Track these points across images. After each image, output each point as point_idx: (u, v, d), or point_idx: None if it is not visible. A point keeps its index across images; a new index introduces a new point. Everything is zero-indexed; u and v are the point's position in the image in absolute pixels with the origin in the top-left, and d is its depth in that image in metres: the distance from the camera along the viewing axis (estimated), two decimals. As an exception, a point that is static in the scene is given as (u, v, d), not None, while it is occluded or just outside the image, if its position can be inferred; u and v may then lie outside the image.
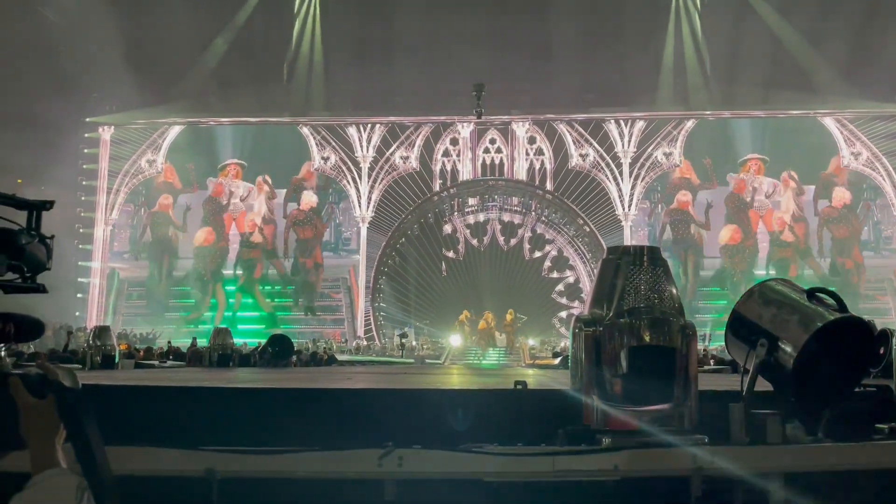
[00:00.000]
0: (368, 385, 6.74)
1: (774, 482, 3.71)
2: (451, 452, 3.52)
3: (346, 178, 36.22)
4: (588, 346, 4.02)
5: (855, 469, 3.72)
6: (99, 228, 36.30)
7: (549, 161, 35.95)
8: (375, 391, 5.75)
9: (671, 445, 3.74)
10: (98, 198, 36.45)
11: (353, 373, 11.09)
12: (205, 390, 5.40)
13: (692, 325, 4.20)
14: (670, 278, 4.24)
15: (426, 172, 36.18)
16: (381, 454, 3.46)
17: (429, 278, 34.62)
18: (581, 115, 35.84)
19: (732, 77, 33.97)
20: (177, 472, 3.50)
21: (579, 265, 35.37)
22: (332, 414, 4.40)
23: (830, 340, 4.09)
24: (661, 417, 3.93)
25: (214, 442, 3.60)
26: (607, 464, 3.61)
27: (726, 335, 4.55)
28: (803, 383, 4.12)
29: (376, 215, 35.91)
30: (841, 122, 34.49)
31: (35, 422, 1.60)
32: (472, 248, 35.66)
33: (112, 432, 3.18)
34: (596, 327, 4.03)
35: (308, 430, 4.02)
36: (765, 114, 35.02)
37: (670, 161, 35.44)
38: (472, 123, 35.94)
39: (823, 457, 3.78)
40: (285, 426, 4.13)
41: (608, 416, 3.89)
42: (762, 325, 4.27)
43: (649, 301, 4.09)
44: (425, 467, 3.49)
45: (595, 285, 4.26)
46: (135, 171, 36.61)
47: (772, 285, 4.52)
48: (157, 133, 36.65)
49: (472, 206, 36.36)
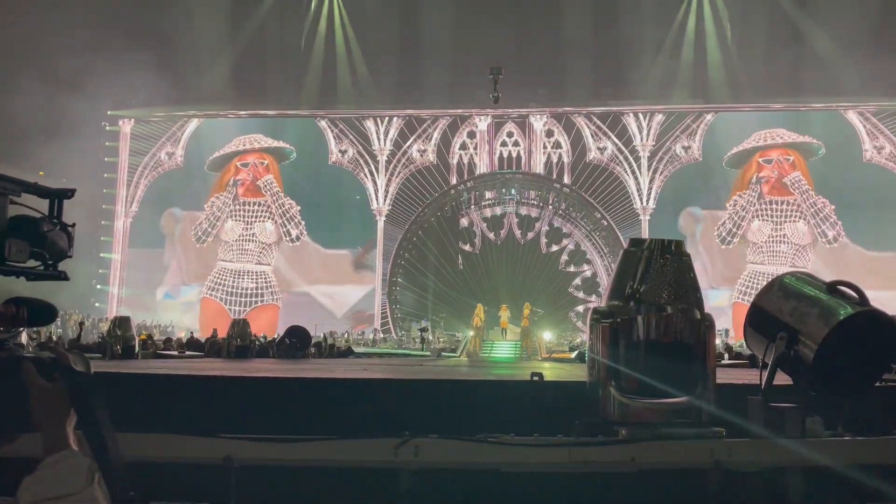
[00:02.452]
0: (385, 375, 6.76)
1: (793, 476, 3.69)
2: (467, 442, 3.53)
3: (363, 172, 36.29)
4: (605, 338, 4.00)
5: (875, 464, 3.68)
6: (119, 220, 36.67)
7: (566, 154, 35.78)
8: (392, 381, 5.77)
9: (689, 438, 3.73)
10: (118, 190, 36.81)
11: (369, 364, 11.14)
12: (223, 379, 5.45)
13: (711, 318, 4.17)
14: (692, 271, 4.21)
15: (443, 166, 36.12)
16: (398, 443, 3.48)
17: (445, 271, 34.63)
18: (599, 108, 35.60)
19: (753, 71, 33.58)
20: (196, 460, 3.53)
21: (596, 259, 35.21)
22: (349, 404, 4.42)
23: (851, 334, 4.04)
24: (679, 410, 3.92)
25: (232, 430, 3.63)
26: (624, 456, 3.60)
27: (745, 328, 4.51)
28: (823, 377, 4.08)
29: (393, 208, 35.96)
30: (864, 114, 34.04)
31: (47, 405, 1.62)
32: (488, 242, 35.59)
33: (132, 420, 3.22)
34: (613, 319, 4.01)
35: (325, 419, 4.05)
36: (784, 107, 34.64)
37: (689, 154, 35.16)
38: (490, 116, 35.83)
39: (843, 451, 3.75)
40: (302, 415, 4.15)
41: (625, 409, 3.88)
42: (782, 319, 4.23)
43: (669, 294, 4.07)
44: (442, 457, 3.50)
45: (614, 277, 4.24)
46: (154, 163, 36.93)
47: (792, 278, 4.48)
48: (177, 126, 36.93)
49: (489, 199, 36.27)
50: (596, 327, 4.06)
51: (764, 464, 3.65)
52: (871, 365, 4.25)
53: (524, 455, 3.53)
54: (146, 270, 36.39)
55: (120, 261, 36.63)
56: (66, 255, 2.07)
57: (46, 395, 1.63)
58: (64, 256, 2.06)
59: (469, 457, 3.52)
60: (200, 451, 3.52)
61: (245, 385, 5.14)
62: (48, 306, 1.97)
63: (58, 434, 1.61)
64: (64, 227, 2.06)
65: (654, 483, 3.68)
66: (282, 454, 3.56)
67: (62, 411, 1.63)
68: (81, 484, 1.53)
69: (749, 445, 3.71)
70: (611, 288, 4.21)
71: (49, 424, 1.61)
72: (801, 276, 4.53)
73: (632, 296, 4.04)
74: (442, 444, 3.50)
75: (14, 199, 1.96)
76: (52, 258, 2.04)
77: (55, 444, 1.59)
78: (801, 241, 34.22)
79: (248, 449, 3.52)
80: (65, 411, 1.63)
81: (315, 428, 3.72)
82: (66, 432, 1.62)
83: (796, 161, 34.73)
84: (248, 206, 36.70)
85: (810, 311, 4.14)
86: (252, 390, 4.83)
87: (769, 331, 4.25)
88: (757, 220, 34.55)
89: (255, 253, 36.41)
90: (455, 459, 3.51)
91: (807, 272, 4.73)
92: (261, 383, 5.34)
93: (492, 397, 4.50)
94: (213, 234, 36.53)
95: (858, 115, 34.35)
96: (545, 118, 36.17)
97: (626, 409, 3.88)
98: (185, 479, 3.54)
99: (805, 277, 4.51)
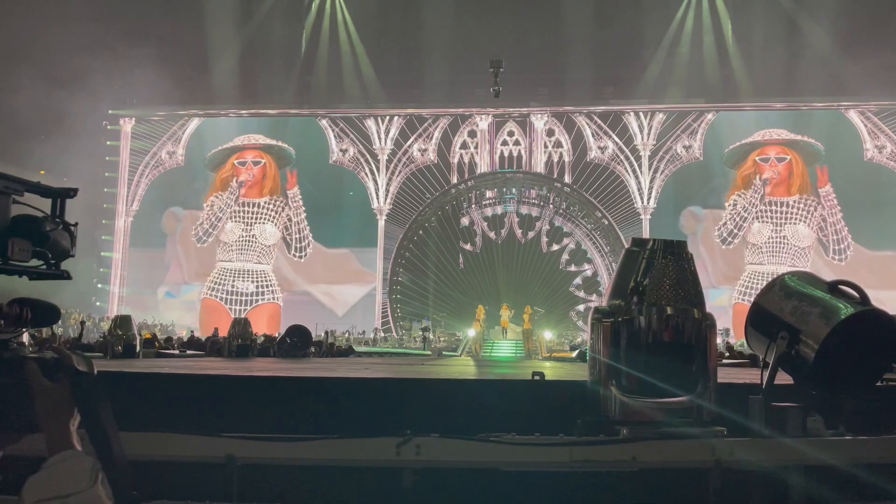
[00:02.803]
0: (387, 375, 6.77)
1: (794, 475, 3.69)
2: (468, 441, 3.54)
3: (363, 171, 36.30)
4: (606, 337, 4.00)
5: (876, 463, 3.68)
6: (120, 219, 36.71)
7: (567, 153, 35.79)
8: (394, 380, 5.77)
9: (690, 437, 3.73)
10: (119, 189, 36.84)
11: (370, 363, 11.14)
12: (225, 378, 5.45)
13: (712, 317, 4.17)
14: (694, 271, 4.21)
15: (444, 165, 36.13)
16: (400, 442, 3.48)
17: (446, 271, 34.64)
18: (600, 108, 35.61)
19: (754, 70, 33.58)
20: (198, 458, 3.54)
21: (597, 258, 35.21)
22: (351, 402, 4.43)
23: (853, 333, 4.05)
24: (680, 410, 3.92)
25: (234, 429, 3.64)
26: (625, 455, 3.60)
27: (746, 327, 4.51)
28: (824, 376, 4.08)
29: (393, 208, 35.97)
30: (865, 114, 34.03)
31: (50, 405, 1.63)
32: (489, 241, 35.61)
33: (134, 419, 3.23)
34: (615, 318, 4.02)
35: (327, 418, 4.05)
36: (786, 106, 34.63)
37: (690, 154, 35.16)
38: (491, 116, 35.84)
39: (844, 450, 3.75)
40: (304, 414, 4.16)
41: (626, 408, 3.88)
42: (783, 318, 4.24)
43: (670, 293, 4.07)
44: (443, 456, 3.51)
45: (616, 276, 4.24)
46: (155, 162, 36.96)
47: (793, 277, 4.48)
48: (178, 125, 36.96)
49: (489, 198, 36.29)
50: (597, 326, 4.06)
51: (765, 463, 3.66)
52: (873, 364, 4.26)
53: (525, 454, 3.53)
54: (147, 269, 36.41)
55: (121, 260, 36.65)
56: (68, 255, 2.07)
57: (50, 396, 1.64)
58: (66, 256, 2.06)
59: (470, 456, 3.52)
60: (203, 450, 3.53)
61: (247, 384, 5.14)
62: (51, 307, 1.98)
63: (61, 434, 1.62)
64: (66, 227, 2.06)
65: (655, 482, 3.69)
66: (284, 453, 3.57)
67: (66, 411, 1.64)
68: (85, 483, 1.54)
69: (750, 445, 3.72)
70: (612, 287, 4.21)
71: (53, 424, 1.62)
72: (803, 276, 4.54)
73: (633, 295, 4.04)
74: (443, 444, 3.51)
75: (17, 199, 1.96)
76: (54, 257, 2.04)
77: (59, 444, 1.60)
78: (802, 243, 34.17)
79: (251, 448, 3.53)
80: (68, 411, 1.64)
81: (317, 427, 3.73)
82: (70, 432, 1.63)
83: (794, 161, 34.68)
84: (248, 208, 36.70)
85: (812, 310, 4.15)
86: (254, 389, 4.83)
87: (770, 330, 4.25)
88: (757, 221, 34.51)
89: (255, 253, 36.41)
90: (456, 458, 3.52)
91: (808, 272, 4.73)
92: (263, 382, 5.35)
93: (493, 396, 4.50)
94: (213, 234, 36.54)
95: (860, 114, 34.32)
96: (546, 117, 36.16)
97: (628, 408, 3.88)
98: (188, 478, 3.55)
99: (806, 277, 4.52)
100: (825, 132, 34.19)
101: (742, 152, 34.90)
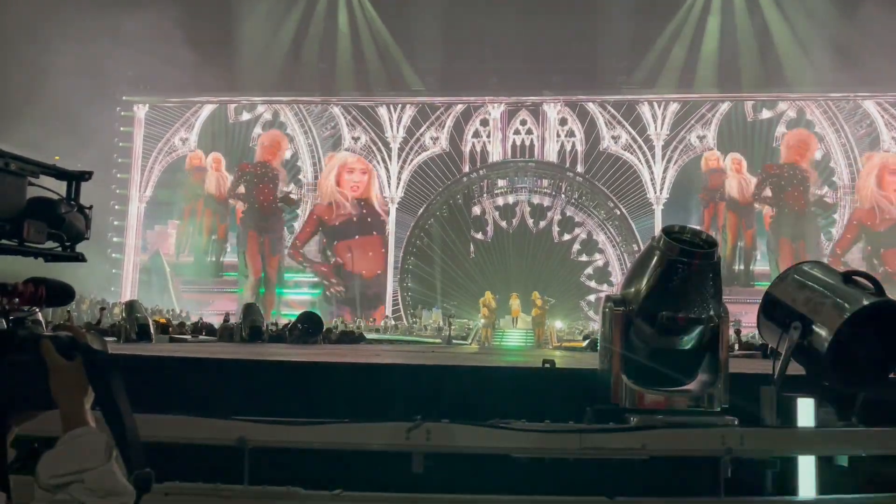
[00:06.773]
0: (397, 361, 6.79)
1: (805, 466, 3.68)
2: (478, 427, 3.55)
3: (375, 159, 36.27)
4: (618, 326, 4.00)
5: (888, 454, 3.67)
6: (133, 205, 36.90)
7: (580, 143, 35.58)
8: (405, 366, 5.79)
9: (701, 426, 3.73)
10: (132, 175, 37.01)
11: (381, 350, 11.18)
12: (238, 363, 5.49)
13: (725, 308, 4.16)
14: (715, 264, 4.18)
15: (455, 153, 36.00)
16: (410, 427, 3.50)
17: (457, 259, 34.61)
18: (613, 97, 35.35)
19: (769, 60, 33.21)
20: (210, 441, 3.57)
21: (609, 249, 35.06)
22: (362, 387, 4.44)
23: (866, 324, 4.01)
24: (691, 399, 3.91)
25: (246, 413, 3.67)
26: (635, 442, 3.60)
27: (759, 318, 4.48)
28: (837, 367, 4.05)
29: (405, 196, 35.94)
30: (882, 105, 33.64)
31: (64, 383, 1.65)
32: (500, 230, 35.51)
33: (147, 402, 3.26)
34: (627, 307, 4.01)
35: (338, 402, 4.07)
36: (801, 96, 34.27)
37: (703, 144, 34.89)
38: (503, 104, 35.66)
39: (856, 441, 3.73)
40: (316, 399, 4.18)
41: (637, 396, 3.88)
42: (796, 308, 4.20)
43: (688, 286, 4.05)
44: (453, 441, 3.52)
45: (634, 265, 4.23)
46: (168, 149, 37.11)
47: (807, 267, 4.44)
48: (191, 112, 37.05)
49: (501, 187, 36.15)
50: (609, 315, 4.05)
51: (776, 453, 3.65)
52: (885, 355, 4.22)
53: (535, 440, 3.54)
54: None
55: (134, 245, 36.87)
56: (83, 237, 2.08)
57: (65, 373, 1.66)
58: (81, 238, 2.08)
59: (480, 441, 3.54)
60: (215, 433, 3.56)
61: (259, 369, 5.18)
62: (66, 287, 1.99)
63: (76, 411, 1.63)
64: (81, 209, 2.08)
65: (665, 470, 3.69)
66: (295, 436, 3.59)
67: (80, 389, 1.66)
68: (100, 459, 1.56)
69: (761, 434, 3.71)
70: (627, 276, 4.20)
71: (67, 402, 1.64)
72: (816, 266, 4.50)
73: (647, 284, 4.03)
74: (453, 429, 3.52)
75: (32, 181, 1.98)
76: (69, 239, 2.05)
77: (74, 421, 1.62)
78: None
79: (262, 431, 3.56)
80: (83, 389, 1.66)
81: (328, 411, 3.75)
82: (85, 409, 1.65)
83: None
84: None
85: (825, 300, 4.11)
86: (266, 374, 4.87)
87: (783, 320, 4.22)
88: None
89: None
90: (467, 444, 3.53)
91: (822, 262, 4.69)
92: (275, 367, 5.38)
93: (503, 383, 4.51)
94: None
95: (876, 104, 33.96)
96: (559, 106, 35.97)
97: (638, 396, 3.88)
98: (200, 460, 3.58)
99: (820, 267, 4.48)
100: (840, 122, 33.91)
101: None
